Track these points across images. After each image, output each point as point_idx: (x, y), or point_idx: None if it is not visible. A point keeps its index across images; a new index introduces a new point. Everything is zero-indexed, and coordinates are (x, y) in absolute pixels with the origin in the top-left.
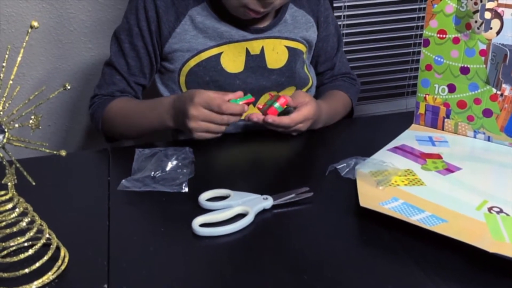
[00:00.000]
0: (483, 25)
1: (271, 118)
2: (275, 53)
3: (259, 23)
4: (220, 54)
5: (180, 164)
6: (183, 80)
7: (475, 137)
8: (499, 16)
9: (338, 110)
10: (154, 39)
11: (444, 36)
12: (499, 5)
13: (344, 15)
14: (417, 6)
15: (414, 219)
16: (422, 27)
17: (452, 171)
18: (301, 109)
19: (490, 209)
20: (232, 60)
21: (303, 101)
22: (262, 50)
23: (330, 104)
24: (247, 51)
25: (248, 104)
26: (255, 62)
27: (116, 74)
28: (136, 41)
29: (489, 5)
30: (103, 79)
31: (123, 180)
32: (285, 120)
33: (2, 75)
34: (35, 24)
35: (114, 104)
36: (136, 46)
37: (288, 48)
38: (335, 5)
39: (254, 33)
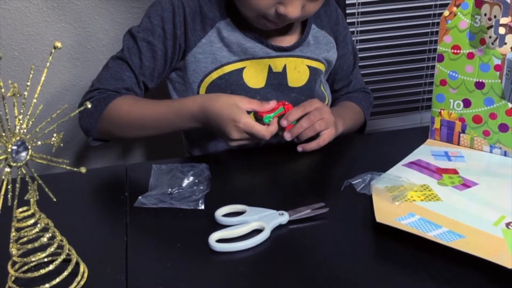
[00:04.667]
0: (498, 40)
1: (301, 147)
2: (297, 72)
3: (284, 41)
4: (242, 68)
5: (196, 180)
6: (203, 92)
7: (491, 152)
8: None
9: (351, 117)
10: (176, 45)
11: (458, 51)
12: None
13: (357, 31)
14: (430, 21)
15: (431, 234)
16: (435, 41)
17: (468, 186)
18: (323, 134)
19: (508, 224)
20: (254, 75)
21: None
22: (284, 68)
23: (340, 112)
24: (270, 68)
25: (280, 115)
26: (276, 79)
27: (127, 70)
28: (156, 42)
29: (503, 20)
30: (108, 73)
31: (140, 197)
32: (314, 145)
33: (26, 93)
34: (58, 44)
35: (121, 102)
36: (155, 47)
37: (309, 67)
38: (348, 20)
39: (277, 51)
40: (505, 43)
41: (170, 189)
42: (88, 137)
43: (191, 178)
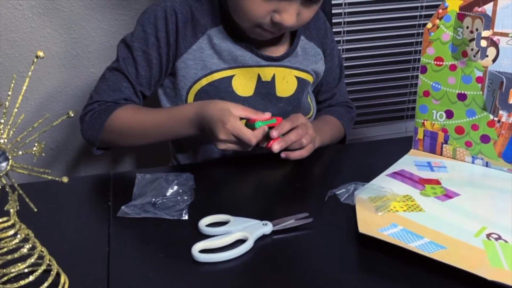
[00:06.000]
0: (479, 52)
1: (286, 154)
2: (285, 82)
3: (274, 51)
4: (232, 76)
5: (180, 190)
6: (192, 99)
7: (473, 162)
8: (494, 44)
9: (329, 132)
10: (170, 52)
11: (441, 63)
12: (495, 34)
13: (343, 40)
14: (415, 31)
15: (413, 245)
16: (420, 51)
17: (450, 197)
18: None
19: (488, 235)
20: (244, 84)
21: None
22: (273, 77)
23: (318, 127)
24: (259, 77)
25: (270, 127)
26: (265, 88)
27: (124, 80)
28: (151, 51)
29: (485, 33)
30: (106, 84)
31: (123, 207)
32: (297, 155)
33: (7, 103)
34: (41, 54)
35: (122, 113)
36: (150, 56)
37: (297, 78)
38: (334, 29)
39: (267, 61)
40: (487, 56)
41: (154, 199)
42: (92, 147)
43: (175, 188)
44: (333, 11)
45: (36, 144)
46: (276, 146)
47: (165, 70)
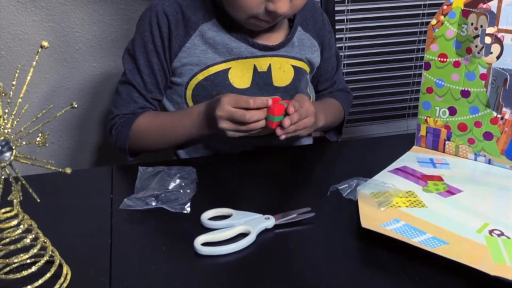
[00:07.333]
0: (484, 49)
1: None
2: (282, 72)
3: (270, 40)
4: (228, 69)
5: (183, 184)
6: (190, 94)
7: (476, 159)
8: (499, 41)
9: (332, 112)
10: (167, 55)
11: (445, 59)
12: (499, 31)
13: (346, 37)
14: (418, 30)
15: (416, 240)
16: (423, 49)
17: (453, 193)
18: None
19: (491, 232)
20: (240, 76)
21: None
22: (269, 67)
23: (323, 106)
24: (255, 68)
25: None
26: (262, 79)
27: (134, 92)
28: (151, 58)
29: (489, 30)
30: (121, 98)
31: (125, 199)
32: (291, 128)
33: (11, 93)
34: (45, 44)
35: (142, 120)
36: (151, 63)
37: (294, 67)
38: (337, 27)
39: (263, 51)
40: (491, 53)
41: (156, 192)
42: (125, 156)
43: (177, 181)
44: (336, 8)
45: (39, 135)
46: (291, 108)
47: (168, 73)
